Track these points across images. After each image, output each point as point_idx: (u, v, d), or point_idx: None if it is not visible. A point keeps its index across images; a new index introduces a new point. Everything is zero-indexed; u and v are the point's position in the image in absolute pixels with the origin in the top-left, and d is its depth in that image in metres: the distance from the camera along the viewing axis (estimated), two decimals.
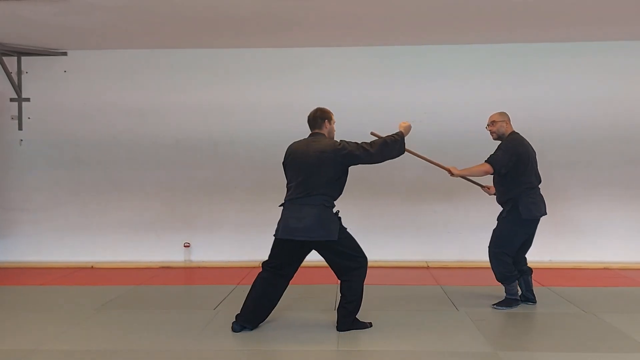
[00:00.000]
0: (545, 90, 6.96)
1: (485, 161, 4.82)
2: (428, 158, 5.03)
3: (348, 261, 4.11)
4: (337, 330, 4.16)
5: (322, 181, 4.02)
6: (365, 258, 4.19)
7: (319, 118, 4.26)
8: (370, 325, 4.27)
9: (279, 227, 4.11)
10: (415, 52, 7.08)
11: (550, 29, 6.40)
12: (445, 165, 4.99)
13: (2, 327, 4.42)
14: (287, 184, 4.21)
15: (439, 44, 6.99)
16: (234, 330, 4.17)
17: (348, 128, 7.02)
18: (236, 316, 4.22)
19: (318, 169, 4.02)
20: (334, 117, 4.35)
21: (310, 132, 4.30)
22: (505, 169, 4.74)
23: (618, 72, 6.95)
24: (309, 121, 4.29)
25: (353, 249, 4.15)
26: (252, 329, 4.19)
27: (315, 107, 4.34)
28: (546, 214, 4.89)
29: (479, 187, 5.24)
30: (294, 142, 4.28)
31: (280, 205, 4.19)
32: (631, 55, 6.96)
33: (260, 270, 4.24)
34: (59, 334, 4.22)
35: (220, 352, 3.83)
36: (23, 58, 7.26)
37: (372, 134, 4.67)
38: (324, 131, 4.26)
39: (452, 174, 4.94)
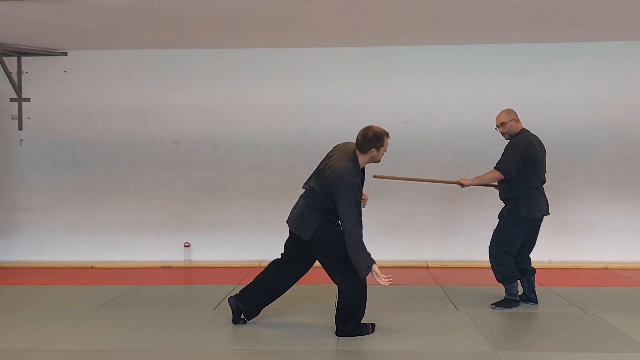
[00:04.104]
0: (545, 90, 6.96)
1: (495, 168, 4.80)
2: (433, 179, 5.05)
3: (331, 267, 4.03)
4: (336, 335, 4.09)
5: (317, 188, 3.99)
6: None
7: (367, 143, 3.88)
8: (372, 330, 4.14)
9: None
10: (415, 52, 7.08)
11: (550, 29, 6.39)
12: (454, 180, 5.00)
13: (2, 327, 4.42)
14: None
15: (439, 44, 6.99)
16: (229, 303, 4.27)
17: (347, 128, 7.03)
18: (236, 295, 4.30)
19: (321, 178, 3.98)
20: (388, 141, 3.95)
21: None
22: (516, 171, 4.71)
23: (617, 73, 6.95)
24: (357, 138, 3.97)
25: (335, 254, 3.95)
26: (241, 313, 4.27)
27: (369, 126, 3.94)
28: (548, 213, 4.89)
29: (491, 188, 5.21)
30: (342, 144, 4.13)
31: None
32: (630, 56, 6.95)
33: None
34: (58, 333, 4.22)
35: (220, 351, 3.83)
36: (23, 58, 7.25)
37: (375, 176, 4.74)
38: (366, 157, 3.93)
39: (462, 186, 4.95)
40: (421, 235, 7.13)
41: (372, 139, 3.88)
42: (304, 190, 4.13)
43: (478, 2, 5.44)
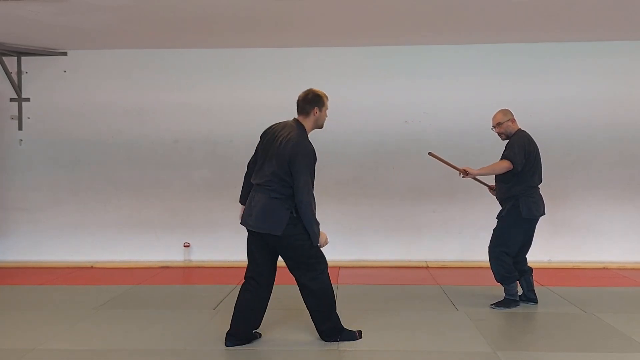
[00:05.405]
0: (545, 90, 6.96)
1: (503, 158, 4.75)
2: (444, 159, 4.96)
3: (300, 263, 3.80)
4: (323, 340, 3.97)
5: (274, 174, 3.73)
6: (323, 259, 3.86)
7: (308, 103, 3.86)
8: (359, 336, 4.03)
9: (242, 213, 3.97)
10: (415, 52, 7.08)
11: (550, 29, 6.40)
12: (460, 167, 4.89)
13: (2, 327, 4.41)
14: (250, 163, 4.02)
15: (439, 44, 6.99)
16: (227, 345, 3.89)
17: (347, 128, 7.06)
18: (227, 334, 3.97)
19: (277, 159, 3.74)
20: (328, 103, 3.94)
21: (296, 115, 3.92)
22: (521, 165, 4.69)
23: (617, 73, 6.95)
24: (297, 103, 3.92)
25: (306, 248, 3.77)
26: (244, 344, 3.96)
27: (308, 88, 3.95)
28: (545, 214, 4.89)
29: (486, 188, 5.22)
30: (276, 124, 3.97)
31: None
32: (630, 56, 6.96)
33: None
34: (58, 333, 4.22)
35: (220, 351, 3.83)
36: (23, 58, 7.25)
37: (430, 154, 4.82)
38: (310, 119, 3.87)
39: (466, 174, 4.81)
40: (421, 235, 7.12)
41: (313, 98, 3.87)
42: (257, 185, 3.83)
43: (478, 2, 5.44)
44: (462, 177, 4.87)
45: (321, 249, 3.86)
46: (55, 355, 3.78)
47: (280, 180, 3.72)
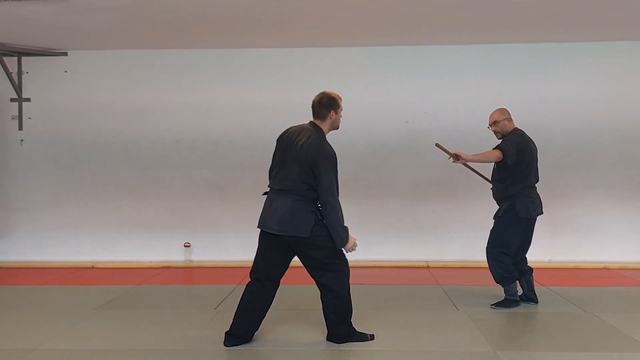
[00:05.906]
0: (545, 90, 6.96)
1: (495, 148, 4.73)
2: (447, 149, 4.92)
3: (324, 264, 3.81)
4: (327, 340, 3.97)
5: (298, 178, 3.74)
6: (346, 261, 3.90)
7: (324, 107, 3.87)
8: (372, 337, 4.03)
9: (260, 216, 3.90)
10: (415, 52, 7.08)
11: (550, 29, 6.40)
12: (452, 151, 4.81)
13: (2, 327, 4.42)
14: (271, 170, 3.98)
15: (439, 44, 6.99)
16: (226, 345, 3.89)
17: (347, 128, 7.04)
18: (226, 333, 3.95)
19: (299, 163, 3.74)
20: (342, 104, 3.94)
21: (311, 120, 3.93)
22: (511, 160, 4.66)
23: (617, 73, 6.95)
24: (312, 107, 3.91)
25: (330, 249, 3.81)
26: (243, 342, 3.95)
27: (321, 92, 3.94)
28: (542, 213, 4.88)
29: (487, 186, 5.20)
30: (292, 127, 3.95)
31: (264, 194, 4.01)
32: (630, 56, 6.96)
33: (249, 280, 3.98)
34: (58, 333, 4.22)
35: (220, 351, 3.83)
36: (23, 58, 7.26)
37: (437, 145, 4.78)
38: (327, 122, 3.89)
39: (458, 159, 4.73)
40: (421, 235, 7.12)
41: (329, 102, 3.88)
42: (279, 190, 3.81)
43: (478, 2, 5.45)
44: (453, 161, 4.82)
45: (347, 253, 3.88)
46: (56, 355, 3.78)
47: (303, 184, 3.74)
